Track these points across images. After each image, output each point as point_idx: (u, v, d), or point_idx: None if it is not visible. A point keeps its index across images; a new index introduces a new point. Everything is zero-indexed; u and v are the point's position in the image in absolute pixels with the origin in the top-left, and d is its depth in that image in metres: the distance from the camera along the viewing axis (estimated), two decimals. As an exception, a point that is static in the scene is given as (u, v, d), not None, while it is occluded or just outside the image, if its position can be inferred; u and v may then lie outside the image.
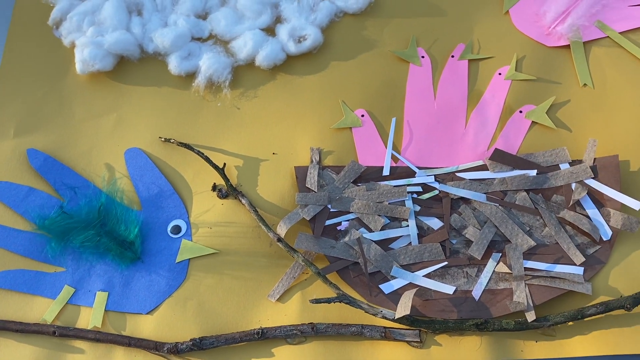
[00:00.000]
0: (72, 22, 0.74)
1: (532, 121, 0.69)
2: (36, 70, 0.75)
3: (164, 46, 0.72)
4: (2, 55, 0.76)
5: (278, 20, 0.75)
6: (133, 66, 0.74)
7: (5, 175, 0.68)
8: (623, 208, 0.63)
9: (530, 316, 0.57)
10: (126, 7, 0.74)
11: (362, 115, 0.70)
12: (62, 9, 0.75)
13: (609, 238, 0.61)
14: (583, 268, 0.60)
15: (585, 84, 0.71)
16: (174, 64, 0.72)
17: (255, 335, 0.59)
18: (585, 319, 0.58)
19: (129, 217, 0.65)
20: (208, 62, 0.71)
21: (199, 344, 0.59)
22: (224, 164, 0.66)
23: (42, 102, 0.73)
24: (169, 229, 0.65)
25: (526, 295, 0.58)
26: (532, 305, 0.58)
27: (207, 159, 0.66)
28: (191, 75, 0.73)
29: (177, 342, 0.60)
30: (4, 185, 0.67)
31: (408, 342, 0.59)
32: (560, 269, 0.59)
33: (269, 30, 0.74)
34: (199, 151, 0.66)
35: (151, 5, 0.75)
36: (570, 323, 0.59)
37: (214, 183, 0.67)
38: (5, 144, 0.70)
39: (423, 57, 0.73)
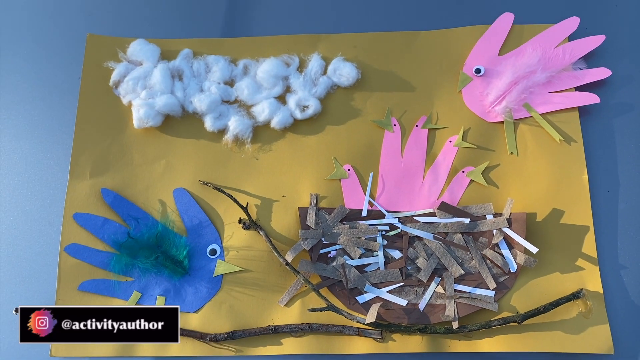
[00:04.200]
0: (129, 84, 0.87)
1: (471, 179, 0.83)
2: (102, 124, 0.87)
3: (201, 109, 0.87)
4: (77, 114, 0.88)
5: (288, 90, 0.89)
6: (177, 122, 0.88)
7: (86, 208, 0.83)
8: (526, 250, 0.78)
9: (455, 324, 0.75)
10: (170, 72, 0.89)
11: (349, 169, 0.84)
12: (120, 73, 0.89)
13: (514, 271, 0.78)
14: (494, 292, 0.78)
15: (512, 152, 0.83)
16: (209, 123, 0.87)
17: (270, 330, 0.77)
18: (491, 328, 0.75)
19: (179, 242, 0.81)
20: (235, 123, 0.86)
21: (231, 335, 0.77)
22: (247, 204, 0.82)
23: (108, 150, 0.86)
24: (207, 251, 0.82)
25: (454, 310, 0.77)
26: (457, 317, 0.76)
27: (234, 200, 0.81)
28: (222, 132, 0.87)
29: (216, 333, 0.77)
30: (86, 216, 0.83)
31: (374, 338, 0.77)
32: (479, 291, 0.78)
33: (281, 98, 0.88)
34: (228, 194, 0.82)
35: (189, 72, 0.89)
36: (482, 330, 0.76)
37: (240, 217, 0.83)
38: (84, 184, 0.84)
39: (395, 125, 0.86)
